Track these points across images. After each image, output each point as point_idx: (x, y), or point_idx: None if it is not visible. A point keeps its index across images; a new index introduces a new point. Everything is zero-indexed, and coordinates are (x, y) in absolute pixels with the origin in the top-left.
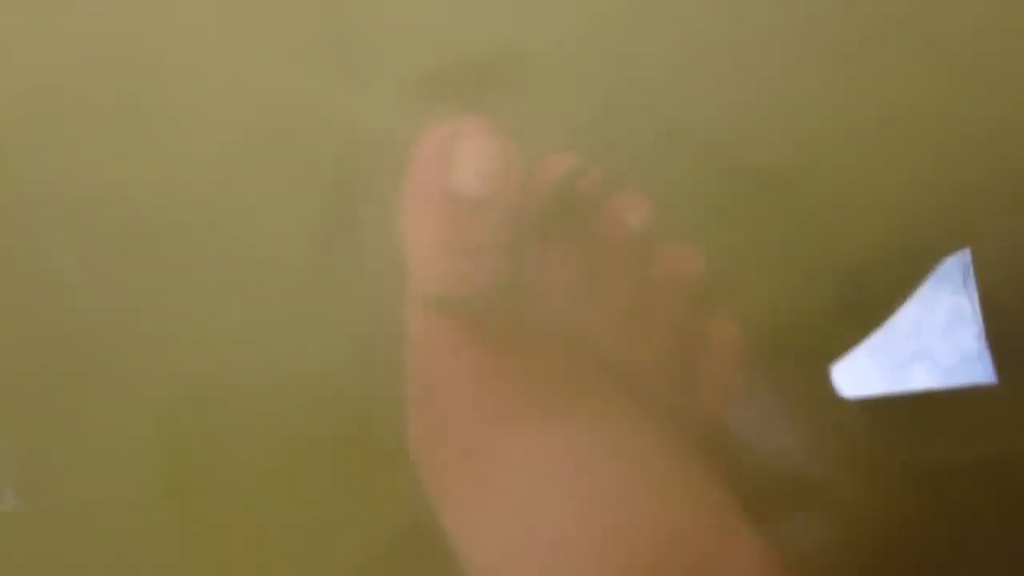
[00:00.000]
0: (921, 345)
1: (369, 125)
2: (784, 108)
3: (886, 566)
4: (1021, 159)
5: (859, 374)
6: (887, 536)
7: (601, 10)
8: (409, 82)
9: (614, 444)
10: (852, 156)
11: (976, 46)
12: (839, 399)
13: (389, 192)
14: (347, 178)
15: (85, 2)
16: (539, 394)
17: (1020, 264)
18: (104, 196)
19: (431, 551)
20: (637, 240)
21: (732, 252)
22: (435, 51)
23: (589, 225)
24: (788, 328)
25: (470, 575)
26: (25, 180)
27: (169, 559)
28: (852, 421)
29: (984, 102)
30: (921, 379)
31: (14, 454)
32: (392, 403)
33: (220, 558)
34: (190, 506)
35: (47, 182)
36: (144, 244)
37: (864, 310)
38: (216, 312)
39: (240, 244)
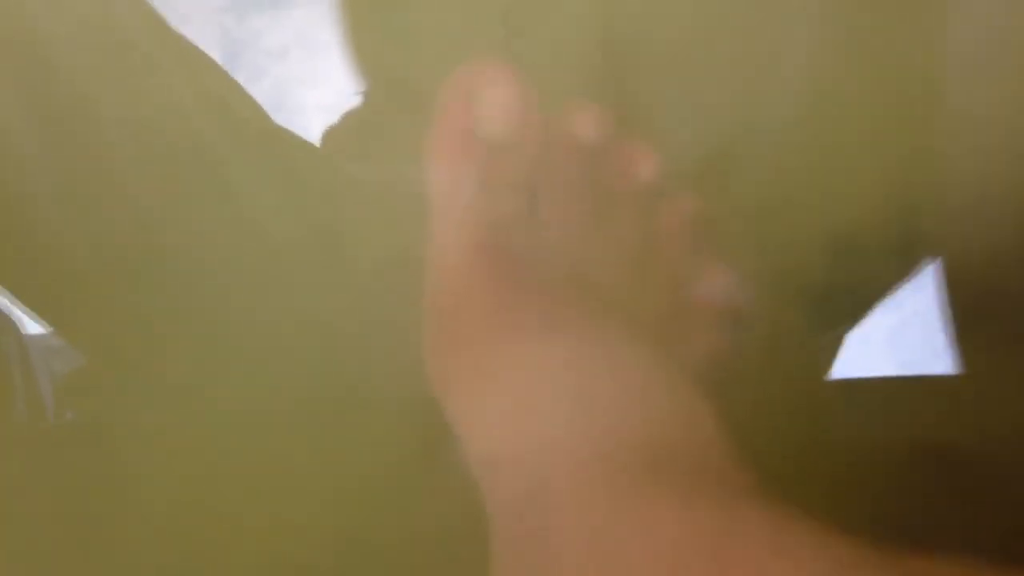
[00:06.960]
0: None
1: (395, 68)
2: (790, 68)
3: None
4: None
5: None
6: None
7: None
8: (435, 27)
9: (606, 357)
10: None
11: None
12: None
13: (415, 131)
14: (372, 117)
15: None
16: (543, 313)
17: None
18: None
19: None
20: (643, 189)
21: (733, 205)
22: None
23: (599, 171)
24: (778, 281)
25: (471, 463)
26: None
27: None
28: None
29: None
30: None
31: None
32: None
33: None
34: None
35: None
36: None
37: (852, 272)
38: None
39: (284, 172)
